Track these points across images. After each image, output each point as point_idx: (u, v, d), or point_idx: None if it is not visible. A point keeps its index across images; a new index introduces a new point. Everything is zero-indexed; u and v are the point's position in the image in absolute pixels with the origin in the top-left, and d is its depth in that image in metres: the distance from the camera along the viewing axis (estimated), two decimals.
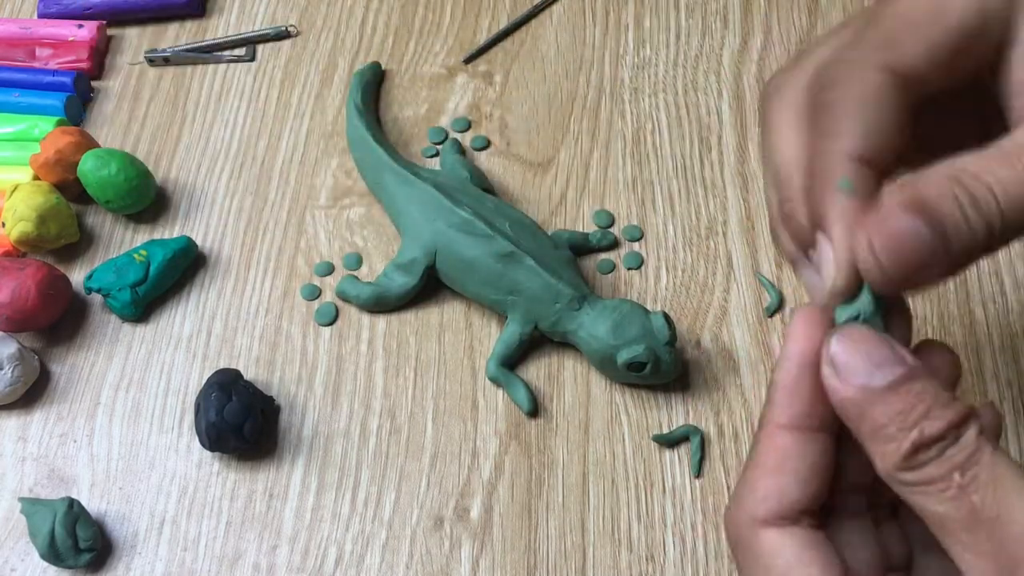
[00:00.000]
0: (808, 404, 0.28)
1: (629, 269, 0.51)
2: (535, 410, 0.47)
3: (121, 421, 0.49)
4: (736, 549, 0.29)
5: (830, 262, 0.28)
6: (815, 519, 0.28)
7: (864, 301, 0.27)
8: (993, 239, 0.26)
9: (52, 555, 0.44)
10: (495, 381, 0.48)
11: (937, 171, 0.26)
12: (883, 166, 0.28)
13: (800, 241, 0.30)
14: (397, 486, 0.46)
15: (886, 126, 0.28)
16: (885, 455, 0.25)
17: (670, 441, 0.46)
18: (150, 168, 0.55)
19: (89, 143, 0.54)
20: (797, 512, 0.27)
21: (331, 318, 0.51)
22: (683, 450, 0.46)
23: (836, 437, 0.28)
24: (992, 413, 0.27)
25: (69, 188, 0.53)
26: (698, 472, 0.45)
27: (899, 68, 0.28)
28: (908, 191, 0.26)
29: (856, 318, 0.27)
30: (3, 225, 0.52)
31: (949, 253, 0.26)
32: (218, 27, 0.62)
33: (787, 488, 0.27)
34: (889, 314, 0.28)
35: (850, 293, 0.27)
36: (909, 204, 0.26)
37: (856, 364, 0.26)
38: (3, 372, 0.48)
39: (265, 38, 0.61)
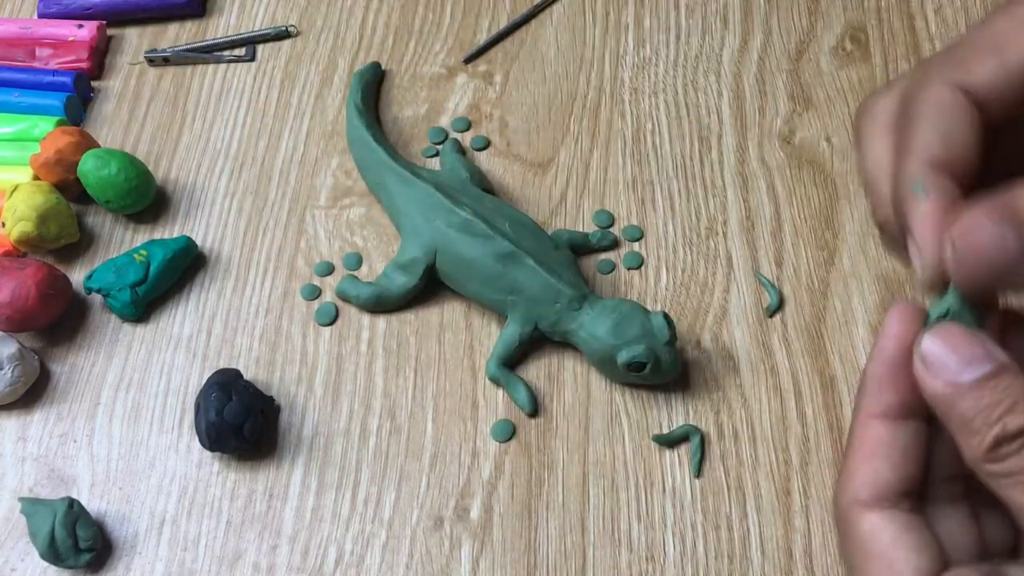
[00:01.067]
0: (900, 394, 0.29)
1: (629, 269, 0.51)
2: (535, 410, 0.47)
3: (121, 421, 0.49)
4: (840, 533, 0.31)
5: (917, 262, 0.29)
6: (913, 503, 0.29)
7: (953, 298, 0.29)
8: None
9: (52, 555, 0.44)
10: (495, 381, 0.48)
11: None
12: (958, 174, 0.29)
13: (895, 246, 0.32)
14: (397, 486, 0.46)
15: (956, 136, 0.29)
16: (971, 447, 0.27)
17: (670, 441, 0.46)
18: (150, 168, 0.55)
19: (89, 143, 0.54)
20: (895, 495, 0.29)
21: (331, 318, 0.51)
22: (683, 450, 0.46)
23: (928, 422, 0.30)
24: None
25: (69, 188, 0.53)
26: (698, 472, 0.45)
27: (969, 86, 0.29)
28: (999, 200, 0.27)
29: (946, 314, 0.29)
30: (3, 225, 0.52)
31: None
32: (218, 27, 0.62)
33: (882, 472, 0.29)
34: (979, 308, 0.29)
35: (938, 289, 0.29)
36: (997, 212, 0.27)
37: (946, 360, 0.28)
38: (3, 372, 0.48)
39: (265, 38, 0.61)
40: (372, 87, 0.58)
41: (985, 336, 0.28)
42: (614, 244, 0.52)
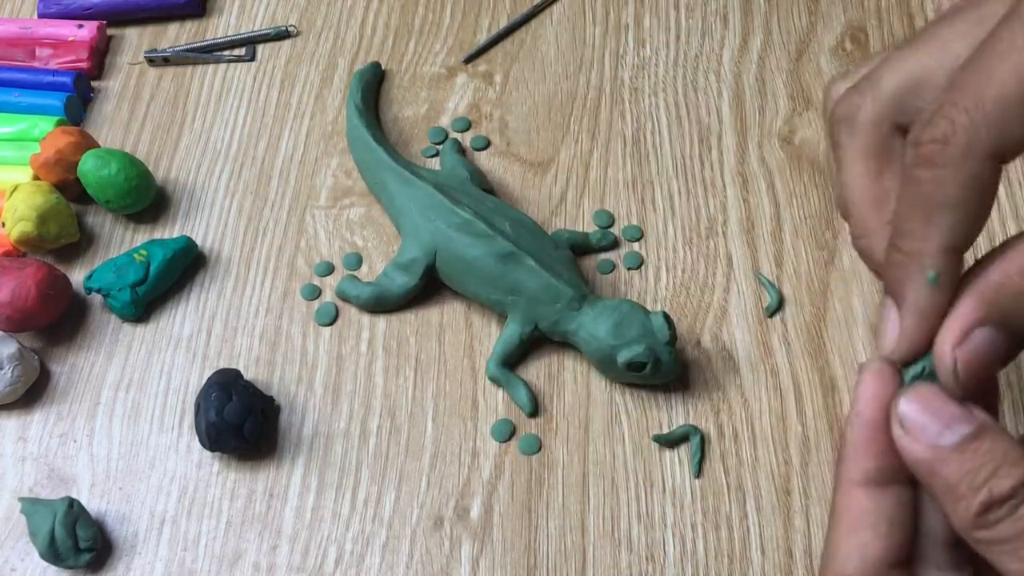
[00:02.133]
0: (880, 459, 0.28)
1: (629, 269, 0.51)
2: (535, 410, 0.47)
3: (121, 421, 0.49)
4: None
5: (894, 330, 0.28)
6: (904, 573, 0.28)
7: (929, 359, 0.28)
8: None
9: (52, 555, 0.44)
10: (495, 381, 0.48)
11: (1012, 266, 0.26)
12: (966, 249, 0.28)
13: (873, 269, 0.31)
14: (397, 486, 0.46)
15: (982, 216, 0.27)
16: (957, 513, 0.26)
17: (670, 441, 0.46)
18: (150, 168, 0.55)
19: (89, 143, 0.54)
20: (884, 567, 0.28)
21: (331, 318, 0.51)
22: (683, 450, 0.46)
23: (913, 485, 0.28)
24: None
25: (69, 188, 0.53)
26: (698, 472, 0.45)
27: (1005, 152, 0.26)
28: (989, 300, 0.27)
29: (922, 373, 0.28)
30: (3, 225, 0.52)
31: (1017, 350, 0.27)
32: (218, 27, 0.62)
33: (869, 545, 0.28)
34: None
35: (910, 362, 0.28)
36: (990, 318, 0.26)
37: (925, 423, 0.27)
38: (3, 372, 0.48)
39: (265, 38, 0.61)
40: (372, 87, 0.58)
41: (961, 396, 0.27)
42: (614, 244, 0.52)
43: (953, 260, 0.27)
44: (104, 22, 0.62)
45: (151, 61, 0.61)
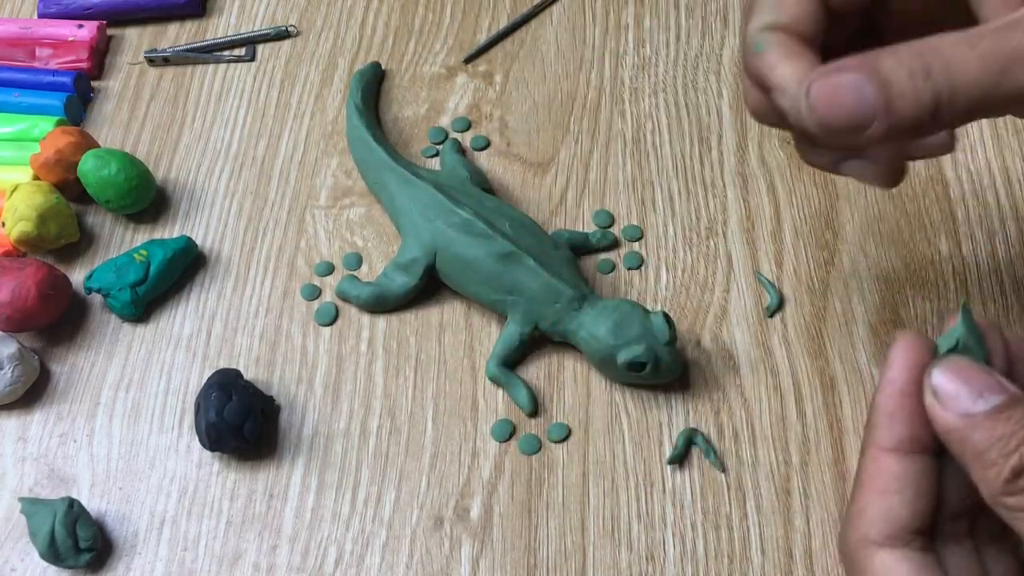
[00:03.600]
0: (911, 428, 0.29)
1: (629, 269, 0.51)
2: (535, 410, 0.47)
3: (121, 421, 0.49)
4: (850, 571, 0.30)
5: (787, 104, 0.30)
6: (925, 542, 0.29)
7: (961, 330, 0.29)
8: (936, 115, 0.28)
9: (52, 555, 0.44)
10: (495, 381, 0.48)
11: (904, 45, 0.29)
12: (801, 33, 0.32)
13: (768, 123, 0.36)
14: (397, 486, 0.46)
15: (792, 8, 0.32)
16: (987, 480, 0.27)
17: (681, 457, 0.45)
18: (150, 168, 0.55)
19: (89, 143, 0.54)
20: (908, 533, 0.29)
21: (331, 318, 0.51)
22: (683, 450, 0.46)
23: (936, 457, 0.29)
24: None
25: (69, 188, 0.53)
26: (723, 466, 0.45)
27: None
28: (865, 58, 0.29)
29: (955, 347, 0.29)
30: (3, 225, 0.52)
31: (889, 117, 0.28)
32: (218, 27, 0.62)
33: (895, 509, 0.29)
34: (985, 340, 0.29)
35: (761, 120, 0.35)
36: (860, 65, 0.28)
37: (957, 392, 0.28)
38: (3, 372, 0.48)
39: (265, 38, 0.61)
40: (372, 87, 0.58)
41: (993, 368, 0.28)
42: (614, 244, 0.52)
43: (774, 33, 0.32)
44: (104, 22, 0.62)
45: (151, 61, 0.61)
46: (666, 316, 0.45)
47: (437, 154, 0.56)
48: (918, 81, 0.28)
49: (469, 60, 0.59)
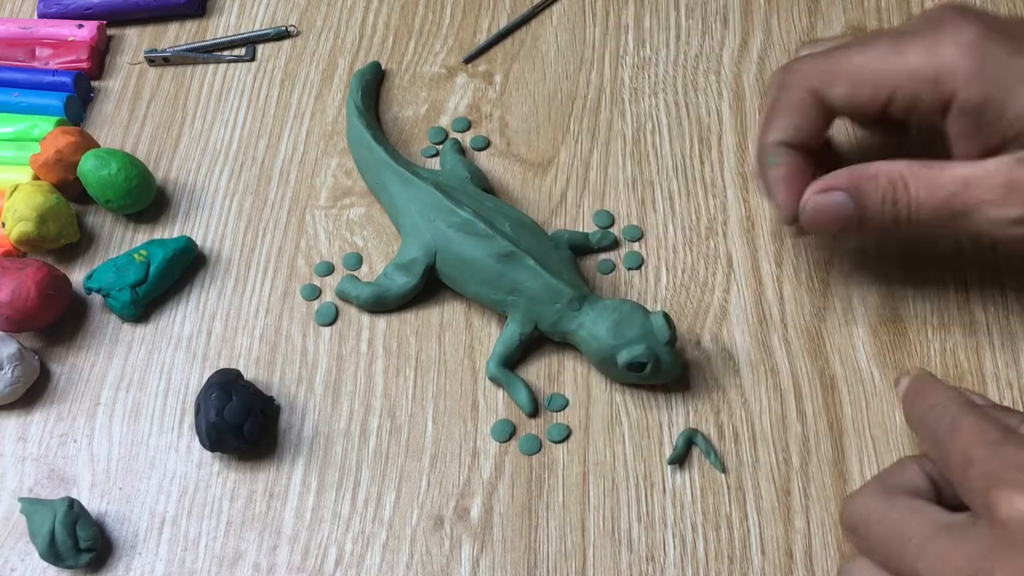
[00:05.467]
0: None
1: (629, 269, 0.51)
2: (535, 410, 0.47)
3: (121, 421, 0.49)
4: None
5: (776, 209, 0.44)
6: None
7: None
8: (900, 228, 0.41)
9: (52, 555, 0.44)
10: (495, 381, 0.48)
11: (884, 168, 0.41)
12: (806, 149, 0.43)
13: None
14: (397, 486, 0.46)
15: (805, 128, 0.43)
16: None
17: (681, 456, 0.45)
18: (150, 168, 0.55)
19: (89, 143, 0.54)
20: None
21: (331, 318, 0.51)
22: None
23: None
24: None
25: (69, 188, 0.53)
26: (723, 467, 0.45)
27: (824, 100, 0.43)
28: (852, 177, 0.41)
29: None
30: (3, 225, 0.52)
31: (862, 224, 0.42)
32: (218, 27, 0.62)
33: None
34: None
35: (792, 227, 0.44)
36: (847, 185, 0.41)
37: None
38: (3, 372, 0.48)
39: (265, 38, 0.61)
40: (372, 87, 0.58)
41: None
42: (614, 244, 0.52)
43: (785, 151, 0.43)
44: (104, 22, 0.62)
45: (151, 61, 0.61)
46: (666, 316, 0.45)
47: (437, 154, 0.56)
48: (888, 206, 0.40)
49: (469, 60, 0.59)
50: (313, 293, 0.52)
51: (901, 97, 0.41)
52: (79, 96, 0.59)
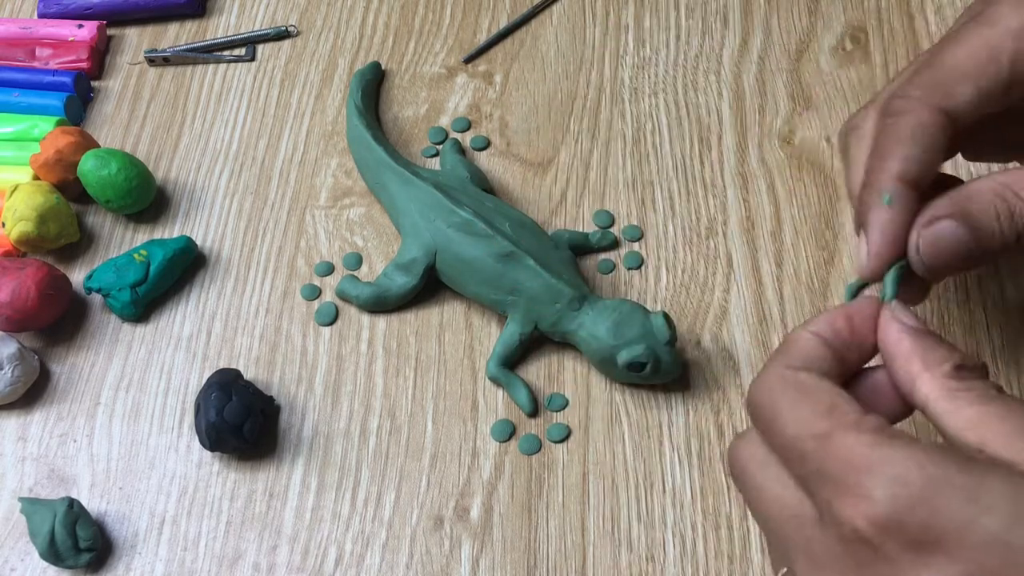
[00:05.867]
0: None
1: (629, 269, 0.51)
2: (535, 410, 0.47)
3: (121, 421, 0.49)
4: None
5: (864, 256, 0.35)
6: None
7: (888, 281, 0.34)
8: (1020, 244, 0.34)
9: (52, 555, 0.44)
10: (495, 381, 0.48)
11: (985, 185, 0.34)
12: (922, 187, 0.35)
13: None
14: (397, 486, 0.46)
15: (929, 156, 0.35)
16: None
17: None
18: (150, 168, 0.55)
19: (89, 143, 0.54)
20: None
21: (331, 318, 0.51)
22: (683, 450, 0.46)
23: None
24: None
25: (69, 188, 0.53)
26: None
27: (950, 111, 0.35)
28: (957, 203, 0.34)
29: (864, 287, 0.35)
30: (3, 225, 0.52)
31: (980, 251, 0.34)
32: (218, 27, 0.62)
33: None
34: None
35: (875, 278, 0.35)
36: (951, 211, 0.34)
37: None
38: (3, 372, 0.48)
39: (265, 38, 0.61)
40: (372, 87, 0.58)
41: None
42: (614, 244, 0.52)
43: (904, 187, 0.35)
44: (104, 22, 0.62)
45: (151, 61, 0.61)
46: (666, 316, 0.45)
47: (437, 154, 0.56)
48: (1004, 221, 0.34)
49: (469, 60, 0.59)
50: (313, 293, 0.52)
51: (1021, 60, 0.35)
52: (79, 96, 0.59)
